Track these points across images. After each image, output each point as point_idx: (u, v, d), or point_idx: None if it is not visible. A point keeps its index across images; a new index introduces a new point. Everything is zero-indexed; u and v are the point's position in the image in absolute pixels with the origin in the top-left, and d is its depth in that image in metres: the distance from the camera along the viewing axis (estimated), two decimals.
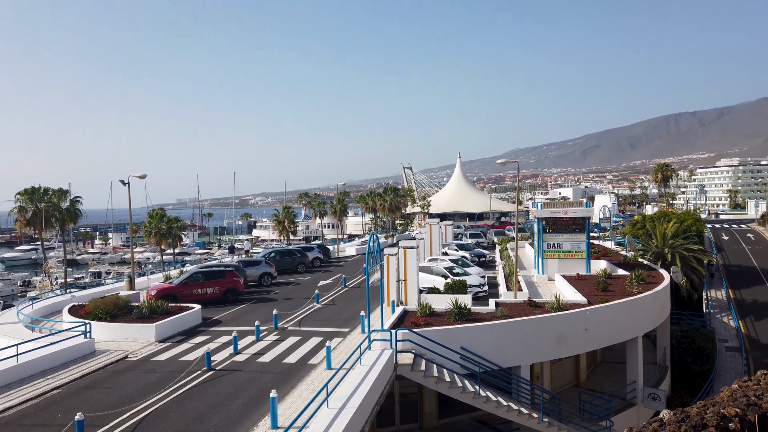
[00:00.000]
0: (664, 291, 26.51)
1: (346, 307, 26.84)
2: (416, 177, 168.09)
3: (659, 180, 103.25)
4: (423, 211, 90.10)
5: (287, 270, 39.69)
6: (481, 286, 28.67)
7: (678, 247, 41.35)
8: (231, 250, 64.25)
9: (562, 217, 32.42)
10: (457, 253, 40.98)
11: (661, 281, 27.71)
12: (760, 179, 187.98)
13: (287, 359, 18.37)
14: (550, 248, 32.39)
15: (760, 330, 37.90)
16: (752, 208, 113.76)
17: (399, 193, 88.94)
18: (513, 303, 23.61)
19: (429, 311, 21.45)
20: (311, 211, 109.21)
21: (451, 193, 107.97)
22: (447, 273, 29.11)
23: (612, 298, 23.67)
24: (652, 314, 25.38)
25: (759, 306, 42.57)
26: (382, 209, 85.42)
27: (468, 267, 32.54)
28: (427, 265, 31.04)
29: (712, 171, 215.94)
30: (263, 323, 23.35)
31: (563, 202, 34.16)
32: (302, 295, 30.41)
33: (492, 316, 20.85)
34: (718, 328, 38.35)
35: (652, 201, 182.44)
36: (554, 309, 21.57)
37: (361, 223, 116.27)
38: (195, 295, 28.34)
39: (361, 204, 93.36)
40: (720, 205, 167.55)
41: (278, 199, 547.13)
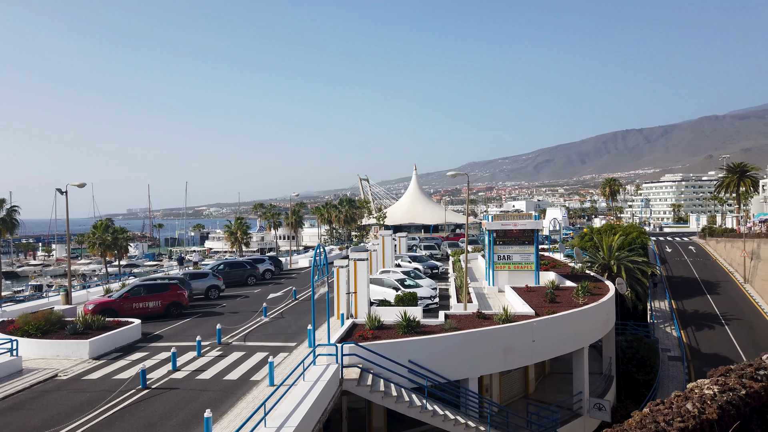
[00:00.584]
0: (609, 302, 27.03)
1: (295, 321, 26.23)
2: (373, 189, 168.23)
3: (607, 194, 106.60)
4: (379, 222, 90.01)
5: (236, 282, 38.67)
6: (432, 298, 28.58)
7: (623, 259, 42.57)
8: (180, 262, 62.38)
9: (512, 230, 32.74)
10: (410, 264, 40.91)
11: (606, 292, 28.26)
12: (701, 194, 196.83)
13: (228, 376, 17.67)
14: (501, 260, 32.63)
15: (701, 339, 39.25)
16: (694, 221, 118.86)
17: (355, 204, 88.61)
18: (462, 315, 23.58)
19: (378, 324, 21.13)
20: (266, 222, 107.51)
21: (407, 205, 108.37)
22: (398, 285, 28.91)
23: (559, 310, 23.94)
24: (597, 325, 25.81)
25: (699, 316, 44.15)
26: (337, 221, 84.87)
27: (420, 279, 32.44)
28: (379, 277, 30.78)
29: (657, 186, 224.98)
30: (207, 338, 22.53)
31: (513, 215, 34.63)
32: (250, 308, 29.60)
33: (441, 329, 20.70)
34: (662, 338, 39.50)
35: (600, 214, 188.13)
36: (502, 321, 21.63)
37: (317, 234, 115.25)
38: (136, 309, 27.16)
39: (317, 215, 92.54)
40: (664, 219, 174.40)
41: (233, 209, 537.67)
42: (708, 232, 77.73)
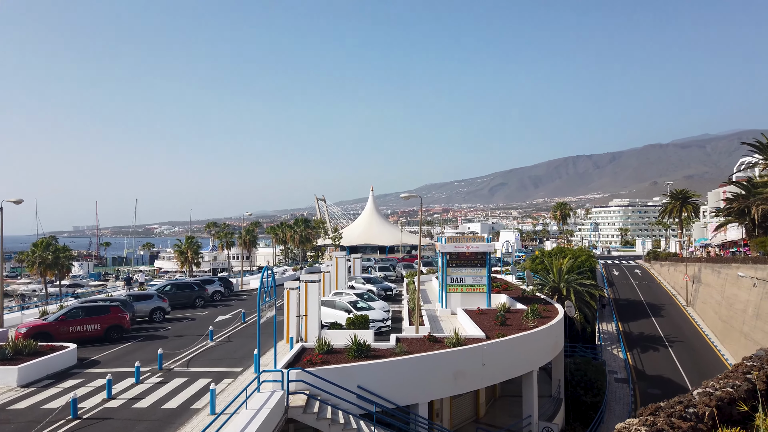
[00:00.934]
0: (557, 325, 27.39)
1: (243, 345, 25.43)
2: (330, 209, 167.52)
3: (558, 217, 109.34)
4: (334, 243, 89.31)
5: (184, 304, 37.38)
6: (384, 320, 28.30)
7: (572, 281, 43.45)
8: (127, 282, 60.05)
9: (465, 252, 32.96)
10: (363, 286, 40.57)
11: (555, 315, 28.65)
12: (646, 219, 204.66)
13: (168, 404, 16.84)
14: (453, 282, 32.72)
15: (646, 361, 40.27)
16: (639, 245, 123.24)
17: (310, 224, 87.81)
18: (414, 338, 23.39)
19: (328, 348, 20.69)
20: (218, 241, 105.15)
21: (363, 225, 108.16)
22: (350, 308, 28.51)
23: (509, 333, 24.06)
24: (546, 348, 26.07)
25: (645, 338, 45.39)
26: (292, 241, 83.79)
27: (373, 301, 32.14)
28: (331, 299, 30.30)
29: (606, 210, 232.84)
30: (147, 363, 21.52)
31: (466, 237, 34.87)
32: (196, 331, 28.56)
33: (392, 353, 20.43)
34: (609, 360, 40.33)
35: (552, 237, 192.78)
36: (453, 344, 21.54)
37: (271, 254, 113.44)
38: (73, 333, 25.77)
39: (271, 235, 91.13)
40: (612, 242, 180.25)
41: (186, 228, 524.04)
42: (653, 256, 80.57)
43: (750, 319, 38.00)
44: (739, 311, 40.51)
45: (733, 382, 5.25)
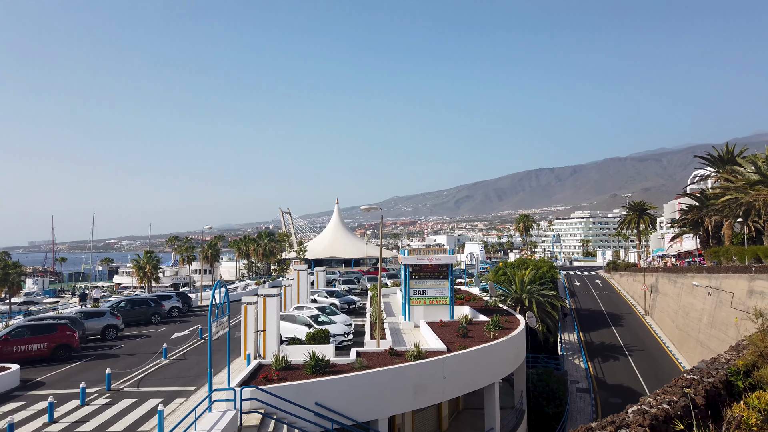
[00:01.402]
0: (519, 336, 27.43)
1: (198, 362, 24.59)
2: (296, 222, 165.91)
3: (521, 229, 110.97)
4: (299, 256, 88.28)
5: (139, 321, 36.12)
6: (345, 334, 27.86)
7: (534, 292, 43.84)
8: (82, 298, 57.97)
9: (428, 264, 32.84)
10: (327, 300, 40.07)
11: (517, 326, 28.71)
12: (607, 230, 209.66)
13: (114, 427, 16.02)
14: (416, 294, 32.54)
15: (607, 371, 40.80)
16: (600, 256, 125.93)
17: (274, 238, 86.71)
18: (375, 352, 23.00)
19: (285, 364, 20.11)
20: (179, 256, 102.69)
21: (328, 238, 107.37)
22: (311, 322, 27.99)
23: (470, 345, 23.93)
24: (508, 359, 26.03)
25: (605, 348, 46.06)
26: (255, 254, 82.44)
27: (335, 315, 31.71)
28: (291, 313, 29.72)
29: (568, 222, 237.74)
30: (95, 384, 20.55)
31: (429, 250, 34.81)
32: (150, 349, 27.53)
33: (351, 368, 20.00)
34: (571, 370, 40.71)
35: (517, 249, 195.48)
36: (414, 358, 21.24)
37: (235, 268, 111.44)
38: (17, 353, 24.49)
39: (234, 249, 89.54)
40: (574, 253, 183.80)
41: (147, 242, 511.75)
42: (612, 267, 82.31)
43: (705, 327, 38.96)
44: (695, 320, 41.53)
45: (670, 398, 5.14)
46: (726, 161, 50.75)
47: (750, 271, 34.00)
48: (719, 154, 52.40)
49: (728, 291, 35.77)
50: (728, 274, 37.27)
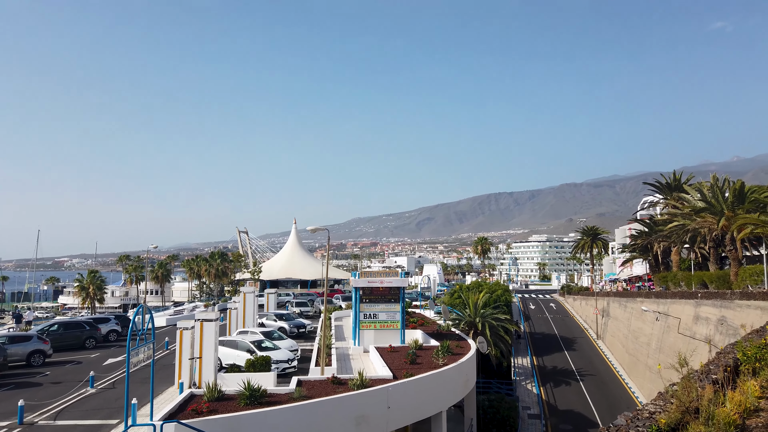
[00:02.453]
0: (469, 362, 26.83)
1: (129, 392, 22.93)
2: (256, 242, 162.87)
3: (479, 252, 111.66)
4: (253, 277, 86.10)
5: (72, 345, 33.94)
6: (290, 361, 26.69)
7: (488, 316, 43.56)
8: (17, 320, 54.75)
9: (379, 287, 32.12)
10: (275, 323, 38.75)
11: (467, 351, 28.14)
12: (563, 254, 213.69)
13: None
14: (366, 318, 31.70)
15: (558, 396, 40.60)
16: (555, 280, 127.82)
17: (227, 258, 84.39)
18: (317, 381, 21.95)
19: (218, 395, 18.86)
20: (127, 275, 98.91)
21: (284, 259, 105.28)
22: (253, 348, 26.69)
23: (418, 372, 23.17)
24: (456, 386, 25.34)
25: (558, 372, 46.00)
26: (207, 275, 79.93)
27: (281, 340, 30.50)
28: (233, 338, 28.36)
29: (525, 245, 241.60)
30: (6, 417, 18.79)
31: (380, 272, 34.09)
32: (77, 377, 25.66)
33: (289, 398, 18.91)
34: (523, 396, 40.33)
35: (476, 271, 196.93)
36: (357, 386, 20.30)
37: (187, 289, 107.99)
38: None
39: (186, 269, 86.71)
40: (531, 276, 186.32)
41: (100, 261, 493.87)
42: (566, 290, 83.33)
43: (653, 352, 39.32)
44: (644, 345, 41.93)
45: None
46: (674, 188, 52.14)
47: (696, 296, 34.54)
48: (667, 182, 53.83)
49: (675, 316, 36.23)
50: (675, 300, 37.83)
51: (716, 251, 42.42)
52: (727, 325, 28.98)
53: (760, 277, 32.03)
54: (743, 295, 28.80)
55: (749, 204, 37.88)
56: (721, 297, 30.84)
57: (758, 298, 26.94)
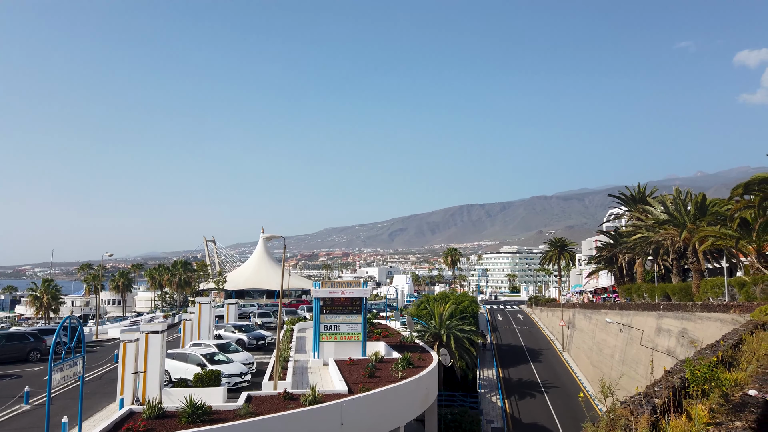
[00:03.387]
0: (429, 375, 26.11)
1: (64, 408, 21.51)
2: (225, 251, 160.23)
3: (449, 263, 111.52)
4: (218, 287, 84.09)
5: (15, 358, 32.07)
6: (242, 375, 25.52)
7: (453, 328, 42.93)
8: None
9: (340, 298, 31.33)
10: (233, 335, 37.47)
11: (429, 364, 27.45)
12: (532, 265, 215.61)
13: None
14: (327, 330, 30.86)
15: (523, 409, 40.14)
16: (523, 291, 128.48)
17: (191, 267, 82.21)
18: (269, 396, 20.92)
19: (158, 412, 17.71)
20: (86, 285, 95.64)
21: (251, 269, 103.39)
22: (204, 361, 25.48)
23: (376, 386, 22.35)
24: (416, 401, 24.57)
25: (523, 384, 45.61)
26: (170, 285, 77.67)
27: (237, 353, 29.30)
28: (184, 351, 27.07)
29: (496, 256, 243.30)
30: None
31: (342, 282, 33.28)
32: (13, 392, 24.03)
33: (235, 415, 17.87)
34: (487, 408, 39.75)
35: (448, 282, 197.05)
36: (309, 402, 19.37)
37: (150, 299, 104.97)
38: None
39: (148, 279, 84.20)
40: (502, 287, 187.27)
41: (63, 270, 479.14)
42: (534, 302, 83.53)
43: (617, 364, 39.24)
44: (608, 356, 41.87)
45: None
46: (638, 201, 52.66)
47: (658, 308, 34.57)
48: (632, 194, 54.38)
49: (638, 328, 36.20)
50: (639, 311, 37.85)
51: (679, 263, 42.78)
52: (688, 337, 28.91)
53: (720, 289, 32.22)
54: (704, 307, 28.81)
55: (710, 216, 38.29)
56: (683, 309, 30.85)
57: (718, 310, 26.92)
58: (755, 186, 29.75)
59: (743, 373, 7.33)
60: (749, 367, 7.89)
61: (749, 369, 7.80)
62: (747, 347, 9.02)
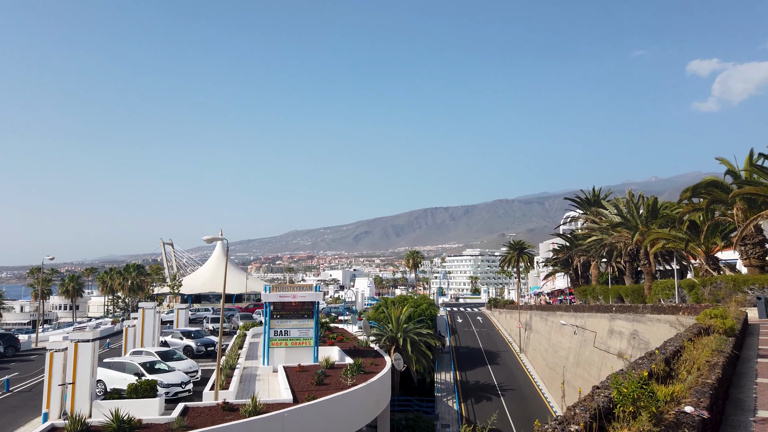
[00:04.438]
0: (380, 381, 25.40)
1: None
2: (186, 255, 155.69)
3: (410, 265, 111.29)
4: (173, 291, 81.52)
5: None
6: (183, 384, 24.23)
7: (410, 331, 42.39)
8: None
9: (291, 302, 30.38)
10: (181, 341, 35.99)
11: (381, 369, 26.76)
12: (494, 268, 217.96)
13: None
14: (277, 336, 29.88)
15: (479, 412, 39.87)
16: (484, 293, 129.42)
17: (144, 271, 79.47)
18: (207, 407, 19.81)
19: (82, 427, 16.45)
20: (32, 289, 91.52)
21: (209, 272, 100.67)
22: (142, 370, 24.09)
23: (323, 394, 21.50)
24: (365, 408, 23.83)
25: (480, 387, 45.40)
26: (121, 289, 74.83)
27: (180, 360, 27.95)
28: (121, 360, 25.61)
29: (459, 259, 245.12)
30: None
31: (293, 286, 32.35)
32: None
33: (167, 429, 16.75)
34: (443, 412, 39.33)
35: (411, 285, 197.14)
36: (248, 413, 18.37)
37: (103, 304, 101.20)
38: None
39: (99, 283, 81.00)
40: (464, 290, 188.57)
41: (15, 274, 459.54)
42: (493, 304, 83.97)
43: (571, 366, 39.38)
44: (562, 358, 42.03)
45: None
46: (593, 204, 53.33)
47: (611, 310, 34.78)
48: (587, 197, 55.06)
49: (592, 330, 36.37)
50: (592, 313, 38.08)
51: (632, 265, 43.34)
52: (639, 339, 29.08)
53: (671, 291, 32.59)
54: (653, 309, 29.03)
55: (661, 219, 38.87)
56: (634, 311, 31.05)
57: (667, 312, 27.12)
58: (702, 189, 30.24)
59: (680, 386, 6.84)
60: (688, 377, 7.42)
61: (688, 380, 7.33)
62: (687, 355, 8.60)
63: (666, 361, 7.73)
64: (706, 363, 7.96)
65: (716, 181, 29.79)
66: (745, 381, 10.04)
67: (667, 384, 6.71)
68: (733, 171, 29.83)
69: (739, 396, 8.76)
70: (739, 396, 8.76)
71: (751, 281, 26.18)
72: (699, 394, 6.58)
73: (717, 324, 12.58)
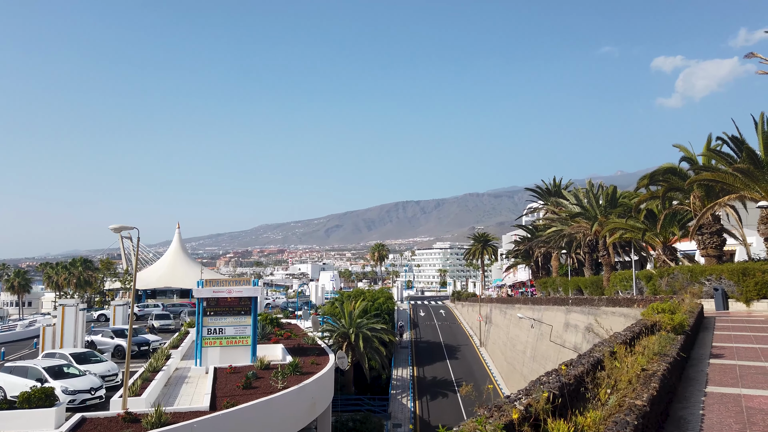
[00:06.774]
0: (316, 382, 23.40)
1: None
2: (148, 249, 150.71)
3: (376, 258, 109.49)
4: (124, 286, 77.93)
5: None
6: (94, 390, 21.76)
7: (363, 326, 40.59)
8: None
9: (227, 298, 28.11)
10: (111, 341, 33.43)
11: (321, 370, 24.79)
12: (463, 261, 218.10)
13: None
14: (210, 334, 27.56)
15: (433, 410, 38.25)
16: (449, 286, 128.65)
17: (91, 265, 75.66)
18: (107, 418, 17.49)
19: None
20: None
21: (165, 267, 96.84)
22: (46, 375, 21.54)
23: (249, 399, 19.39)
24: (298, 412, 21.80)
25: (437, 383, 43.82)
26: (67, 284, 71.02)
27: (99, 363, 25.46)
28: (23, 365, 23.01)
29: (428, 252, 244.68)
30: None
31: (229, 280, 30.06)
32: None
33: None
34: (396, 411, 37.59)
35: (381, 278, 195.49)
36: (152, 425, 16.15)
37: (54, 300, 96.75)
38: None
39: (44, 278, 76.93)
40: (433, 282, 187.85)
41: None
42: (456, 297, 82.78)
43: (528, 360, 38.08)
44: (520, 352, 40.74)
45: None
46: (553, 194, 52.18)
47: (567, 303, 33.47)
48: (547, 188, 53.92)
49: (548, 323, 35.04)
50: (549, 306, 36.78)
51: (591, 256, 42.23)
52: (594, 333, 27.71)
53: (629, 283, 31.40)
54: (609, 301, 27.72)
55: (620, 208, 37.71)
56: (590, 304, 29.73)
57: (623, 305, 25.81)
58: (660, 176, 28.99)
59: (599, 413, 4.97)
60: (611, 398, 5.55)
61: (611, 401, 5.46)
62: (618, 363, 6.77)
63: (577, 378, 5.86)
64: (636, 376, 6.15)
65: (673, 168, 28.57)
66: (692, 391, 8.33)
67: (575, 413, 4.83)
68: (689, 157, 28.65)
69: (682, 413, 7.00)
70: (681, 414, 7.00)
71: (708, 272, 25.02)
72: (619, 427, 4.71)
73: (664, 320, 10.90)
